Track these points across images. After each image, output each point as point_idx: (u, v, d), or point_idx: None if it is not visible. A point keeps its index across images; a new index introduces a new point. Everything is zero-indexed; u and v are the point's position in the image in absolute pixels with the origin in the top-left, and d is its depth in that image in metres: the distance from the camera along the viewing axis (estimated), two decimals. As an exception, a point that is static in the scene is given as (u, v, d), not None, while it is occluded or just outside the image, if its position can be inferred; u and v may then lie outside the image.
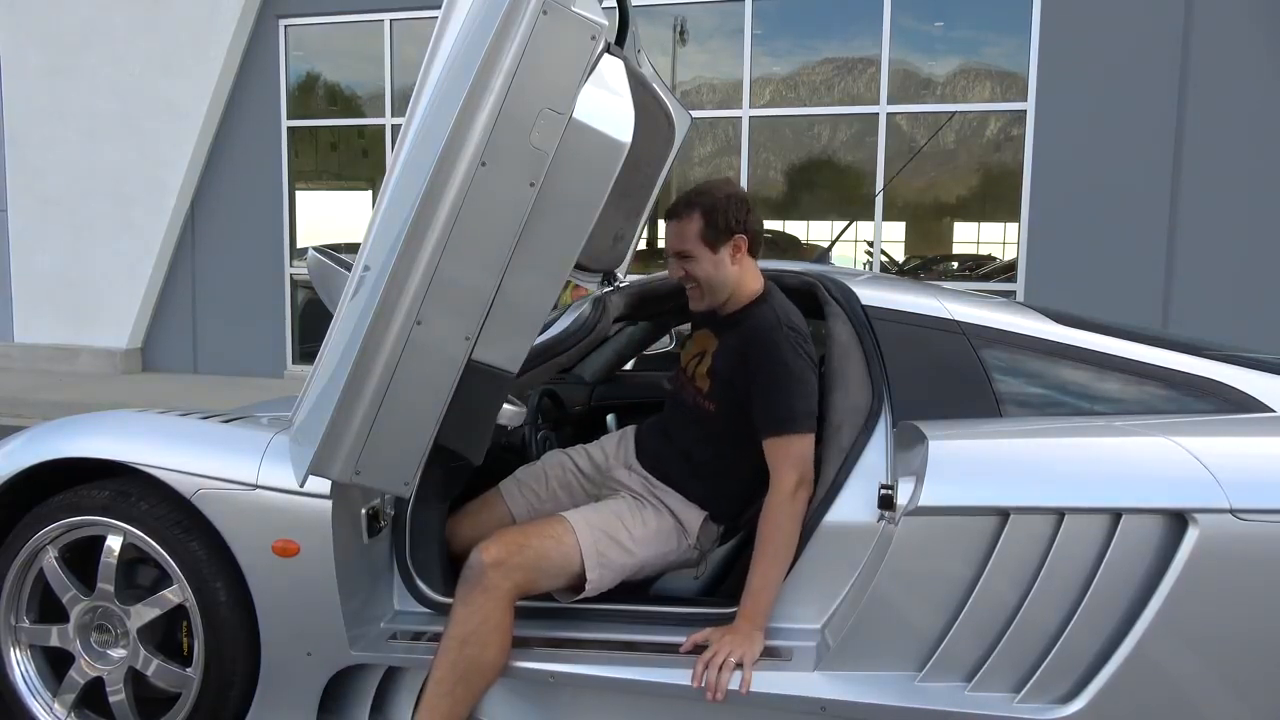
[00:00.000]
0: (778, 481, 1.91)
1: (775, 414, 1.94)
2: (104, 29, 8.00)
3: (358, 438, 1.60)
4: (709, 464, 2.10)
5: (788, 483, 1.89)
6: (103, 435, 2.05)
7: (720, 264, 2.06)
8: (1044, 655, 1.69)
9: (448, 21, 1.75)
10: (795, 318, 2.04)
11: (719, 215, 2.03)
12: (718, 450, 2.09)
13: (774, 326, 1.99)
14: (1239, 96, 6.04)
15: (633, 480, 2.15)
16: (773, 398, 1.95)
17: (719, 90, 7.36)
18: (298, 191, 8.20)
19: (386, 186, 1.77)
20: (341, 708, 2.04)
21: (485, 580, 1.84)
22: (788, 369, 1.94)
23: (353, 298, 1.76)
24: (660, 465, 2.15)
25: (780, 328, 1.98)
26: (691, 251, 2.06)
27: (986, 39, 6.74)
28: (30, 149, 8.30)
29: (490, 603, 1.84)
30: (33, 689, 2.11)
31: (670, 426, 2.21)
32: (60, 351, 8.30)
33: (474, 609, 1.84)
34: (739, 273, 2.08)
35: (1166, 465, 1.70)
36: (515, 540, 1.91)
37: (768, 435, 1.94)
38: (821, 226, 7.47)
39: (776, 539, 1.88)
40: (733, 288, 2.09)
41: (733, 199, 2.05)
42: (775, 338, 1.97)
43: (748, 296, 2.10)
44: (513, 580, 1.86)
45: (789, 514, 1.89)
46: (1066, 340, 2.06)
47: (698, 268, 2.07)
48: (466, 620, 1.84)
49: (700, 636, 1.88)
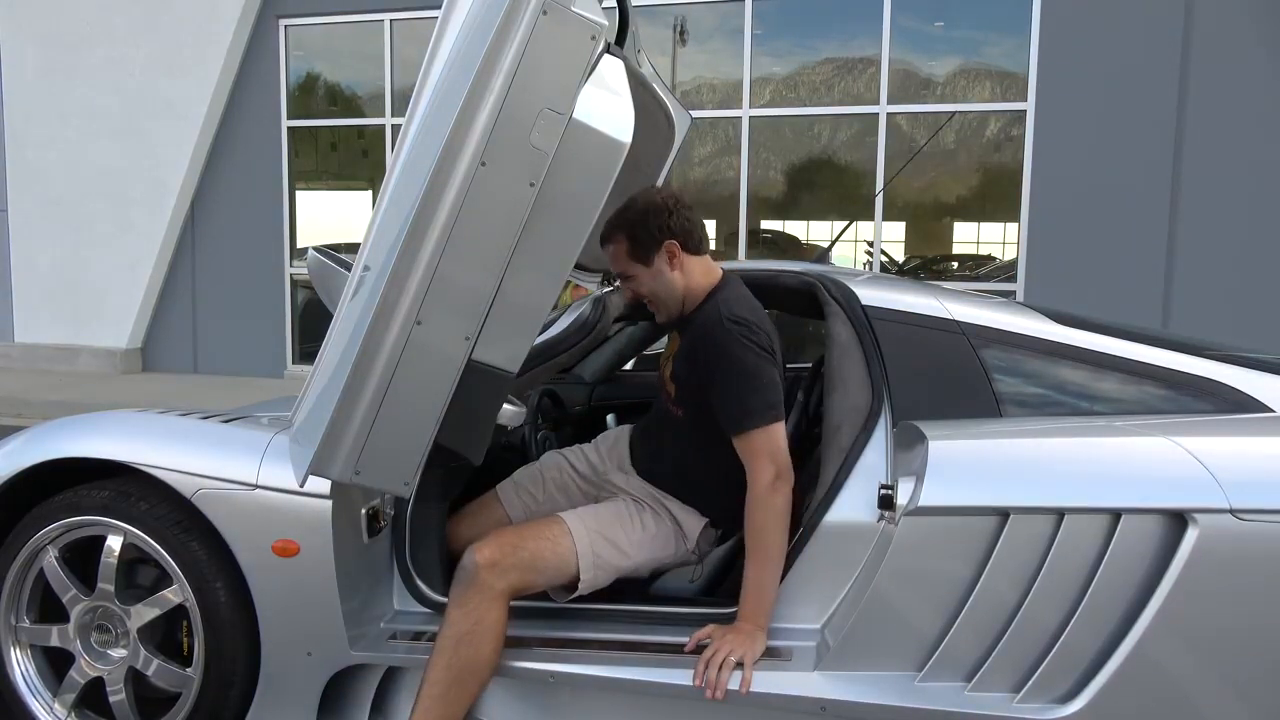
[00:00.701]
0: (751, 479, 1.89)
1: (730, 412, 1.91)
2: (104, 29, 8.00)
3: (358, 438, 1.60)
4: (692, 468, 2.08)
5: (761, 479, 1.87)
6: (103, 435, 2.05)
7: (658, 275, 2.04)
8: (1044, 655, 1.69)
9: (448, 21, 1.75)
10: (740, 308, 1.97)
11: (639, 229, 2.02)
12: (695, 454, 2.07)
13: (715, 323, 1.94)
14: (1239, 96, 6.04)
15: (630, 484, 2.14)
16: (726, 396, 1.92)
17: (719, 90, 7.36)
18: (298, 191, 8.20)
19: (386, 186, 1.77)
20: (341, 708, 2.04)
21: (479, 581, 1.84)
22: (734, 364, 1.90)
23: (353, 298, 1.76)
24: (652, 470, 2.15)
25: (721, 323, 1.93)
26: (628, 271, 2.07)
27: (986, 39, 6.74)
28: (30, 149, 8.30)
29: (484, 603, 1.84)
30: (33, 689, 2.12)
31: (655, 430, 2.22)
32: (60, 351, 8.31)
33: (468, 610, 1.84)
34: (682, 276, 2.05)
35: (1166, 465, 1.70)
36: (510, 541, 1.91)
37: (731, 434, 1.92)
38: (821, 226, 7.48)
39: (762, 538, 1.86)
40: (682, 292, 2.06)
41: (651, 209, 2.02)
42: (717, 334, 1.92)
43: (701, 294, 2.06)
44: (507, 581, 1.86)
45: (769, 510, 1.86)
46: (1066, 340, 2.06)
47: (640, 285, 2.07)
48: (460, 621, 1.84)
49: (703, 633, 1.88)
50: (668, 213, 2.02)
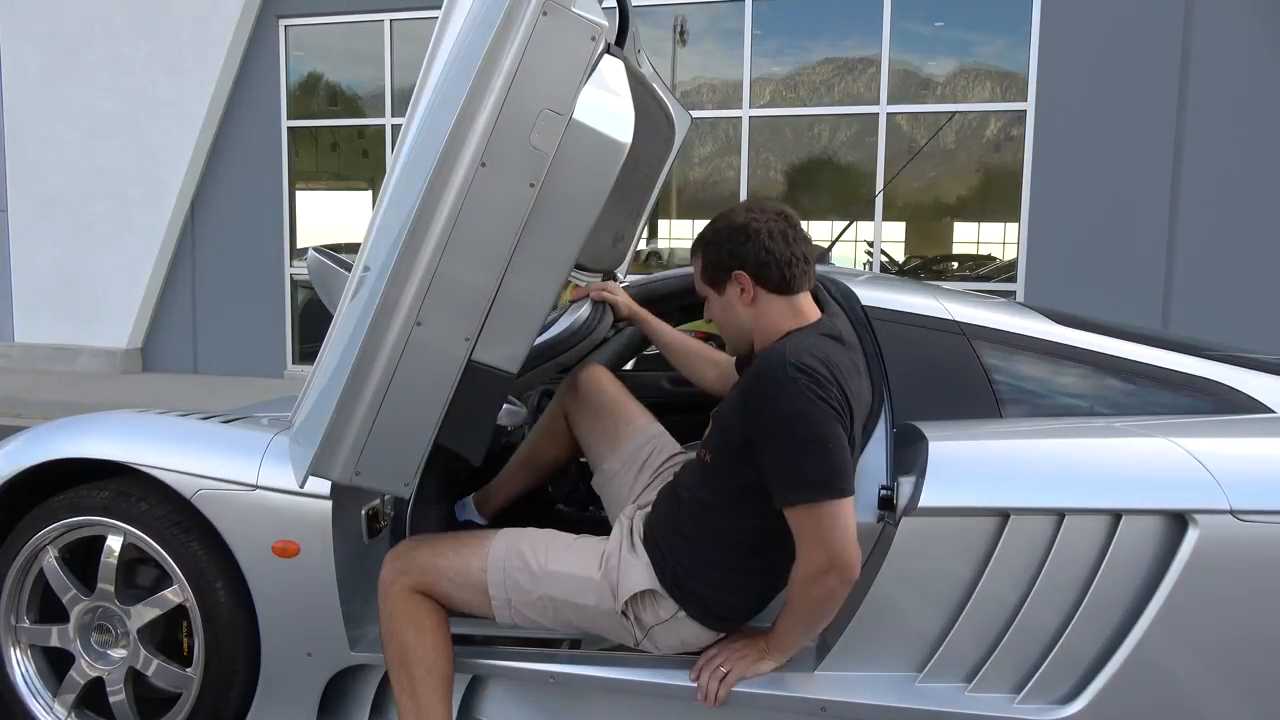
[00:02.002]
0: (799, 559, 1.62)
1: (781, 477, 1.60)
2: (104, 29, 8.00)
3: (358, 438, 1.60)
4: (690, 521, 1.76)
5: (808, 564, 1.59)
6: (103, 436, 2.05)
7: (729, 307, 1.78)
8: (1044, 656, 1.69)
9: (448, 22, 1.75)
10: (809, 356, 1.60)
11: (711, 251, 1.77)
12: (702, 511, 1.75)
13: (776, 366, 1.59)
14: (1239, 96, 6.04)
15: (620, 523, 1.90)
16: (775, 457, 1.60)
17: (719, 90, 7.36)
18: (298, 192, 8.20)
19: (386, 187, 1.76)
20: (341, 708, 2.04)
21: (382, 586, 1.83)
22: (788, 419, 1.57)
23: (353, 298, 1.75)
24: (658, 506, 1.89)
25: (784, 367, 1.58)
26: (701, 293, 1.85)
27: (986, 39, 6.74)
28: (30, 149, 8.30)
29: (390, 600, 1.81)
30: (33, 689, 2.12)
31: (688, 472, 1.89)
32: (60, 351, 8.30)
33: (382, 611, 1.82)
34: (755, 315, 1.76)
35: (1166, 466, 1.69)
36: (415, 539, 1.91)
37: (781, 505, 1.61)
38: (821, 226, 7.47)
39: (795, 613, 1.68)
40: (750, 332, 1.78)
41: (729, 230, 1.74)
42: (774, 379, 1.59)
43: (775, 336, 1.74)
44: (410, 577, 1.80)
45: (808, 599, 1.62)
46: (1066, 340, 2.05)
47: (711, 311, 1.85)
48: (382, 623, 1.82)
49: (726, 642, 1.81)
50: (746, 238, 1.72)
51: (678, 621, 1.76)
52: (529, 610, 1.81)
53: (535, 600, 1.79)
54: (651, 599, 1.76)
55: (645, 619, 1.77)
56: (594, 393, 2.19)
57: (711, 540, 1.74)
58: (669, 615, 1.76)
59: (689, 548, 1.75)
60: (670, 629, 1.77)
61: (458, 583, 1.81)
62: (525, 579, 1.79)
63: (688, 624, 1.77)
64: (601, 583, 1.78)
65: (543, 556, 1.80)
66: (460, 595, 1.82)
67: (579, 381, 2.22)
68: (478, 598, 1.81)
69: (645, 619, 1.77)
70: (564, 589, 1.78)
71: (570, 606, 1.79)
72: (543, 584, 1.78)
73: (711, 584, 1.74)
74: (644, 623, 1.77)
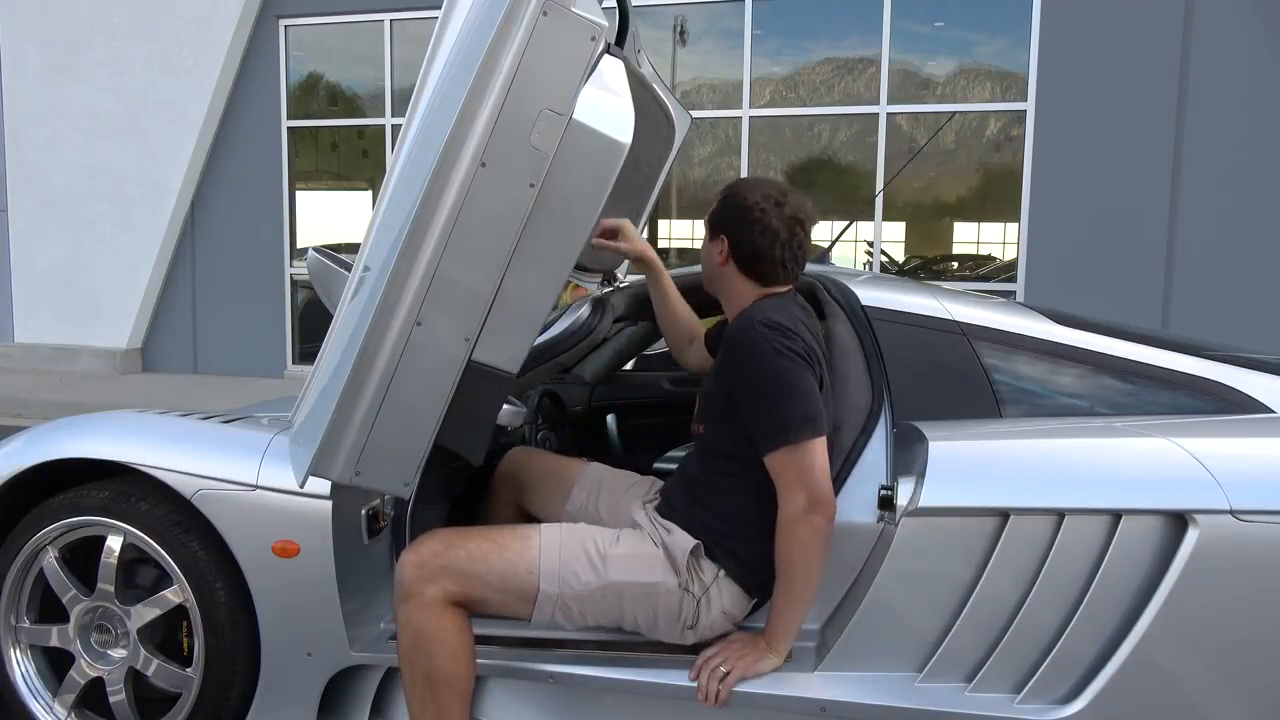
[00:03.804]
0: (781, 504, 1.71)
1: (760, 425, 1.72)
2: (104, 29, 8.01)
3: (358, 439, 1.60)
4: (705, 489, 1.87)
5: (790, 505, 1.69)
6: (103, 436, 2.05)
7: (710, 255, 1.94)
8: (1044, 656, 1.69)
9: (448, 22, 1.75)
10: (776, 313, 1.76)
11: (719, 205, 1.92)
12: (711, 477, 1.86)
13: (746, 327, 1.75)
14: (1239, 96, 6.04)
15: (638, 514, 1.94)
16: (756, 407, 1.72)
17: (719, 90, 7.36)
18: (298, 192, 8.20)
19: (386, 187, 1.76)
20: (341, 708, 2.04)
21: (405, 587, 1.75)
22: (765, 369, 1.71)
23: (353, 298, 1.75)
24: (667, 496, 1.97)
25: (753, 326, 1.73)
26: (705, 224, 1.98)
27: (986, 39, 6.74)
28: (30, 149, 8.30)
29: (418, 614, 1.73)
30: (33, 689, 2.12)
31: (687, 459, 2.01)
32: (60, 351, 8.31)
33: (404, 624, 1.75)
34: (724, 276, 1.91)
35: (1166, 466, 1.69)
36: (443, 540, 1.80)
37: (763, 452, 1.72)
38: (821, 226, 7.44)
39: (785, 568, 1.72)
40: (716, 285, 1.96)
41: (738, 204, 1.86)
42: (748, 336, 1.73)
43: (740, 308, 1.88)
44: (439, 587, 1.73)
45: (793, 539, 1.69)
46: (1066, 340, 2.05)
47: (703, 245, 1.99)
48: (402, 634, 1.76)
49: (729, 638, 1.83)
50: (745, 220, 1.85)
51: (719, 585, 1.81)
52: (579, 604, 1.80)
53: (595, 590, 1.79)
54: (696, 563, 1.82)
55: (695, 589, 1.80)
56: (526, 467, 2.25)
57: (731, 501, 1.83)
58: (712, 579, 1.82)
59: (711, 513, 1.84)
60: (714, 597, 1.81)
61: (499, 587, 1.77)
62: (585, 570, 1.79)
63: (728, 586, 1.82)
64: (662, 555, 1.82)
65: (602, 545, 1.82)
66: (499, 599, 1.79)
67: (508, 470, 2.26)
68: (518, 601, 1.79)
69: (695, 589, 1.80)
70: (628, 570, 1.80)
71: (633, 589, 1.79)
72: (609, 569, 1.79)
73: (739, 537, 1.82)
74: (694, 593, 1.80)
